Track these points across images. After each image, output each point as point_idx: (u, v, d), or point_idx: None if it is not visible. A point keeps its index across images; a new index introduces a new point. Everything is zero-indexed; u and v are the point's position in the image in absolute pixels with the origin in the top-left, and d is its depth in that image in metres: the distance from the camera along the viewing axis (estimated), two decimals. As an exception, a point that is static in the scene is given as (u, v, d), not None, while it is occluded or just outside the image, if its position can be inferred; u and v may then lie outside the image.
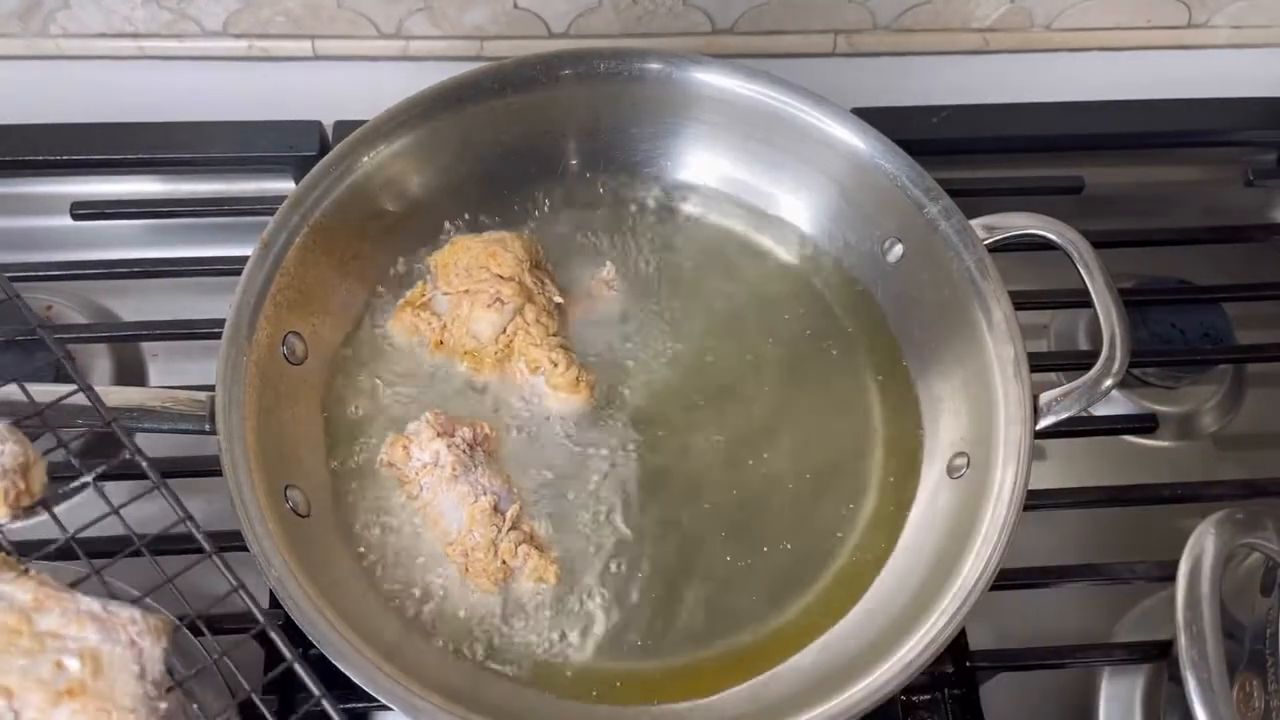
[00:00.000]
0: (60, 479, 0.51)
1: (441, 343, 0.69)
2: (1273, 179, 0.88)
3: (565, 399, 0.67)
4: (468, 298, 0.68)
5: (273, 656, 0.63)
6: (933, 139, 0.84)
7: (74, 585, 0.48)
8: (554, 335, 0.69)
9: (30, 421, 0.52)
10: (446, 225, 0.74)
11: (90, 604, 0.46)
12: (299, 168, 0.78)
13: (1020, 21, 0.92)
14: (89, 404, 0.54)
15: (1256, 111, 0.90)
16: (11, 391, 0.53)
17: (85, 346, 0.75)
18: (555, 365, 0.67)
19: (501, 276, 0.68)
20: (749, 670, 0.62)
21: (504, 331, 0.68)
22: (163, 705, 0.46)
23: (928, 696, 0.65)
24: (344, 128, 0.76)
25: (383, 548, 0.64)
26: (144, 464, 0.53)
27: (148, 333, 0.76)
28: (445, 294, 0.69)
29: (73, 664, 0.45)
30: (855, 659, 0.59)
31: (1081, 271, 0.67)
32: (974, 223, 0.68)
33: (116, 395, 0.59)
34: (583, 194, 0.77)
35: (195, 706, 0.55)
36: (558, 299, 0.71)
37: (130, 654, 0.46)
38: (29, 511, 0.50)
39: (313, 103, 0.83)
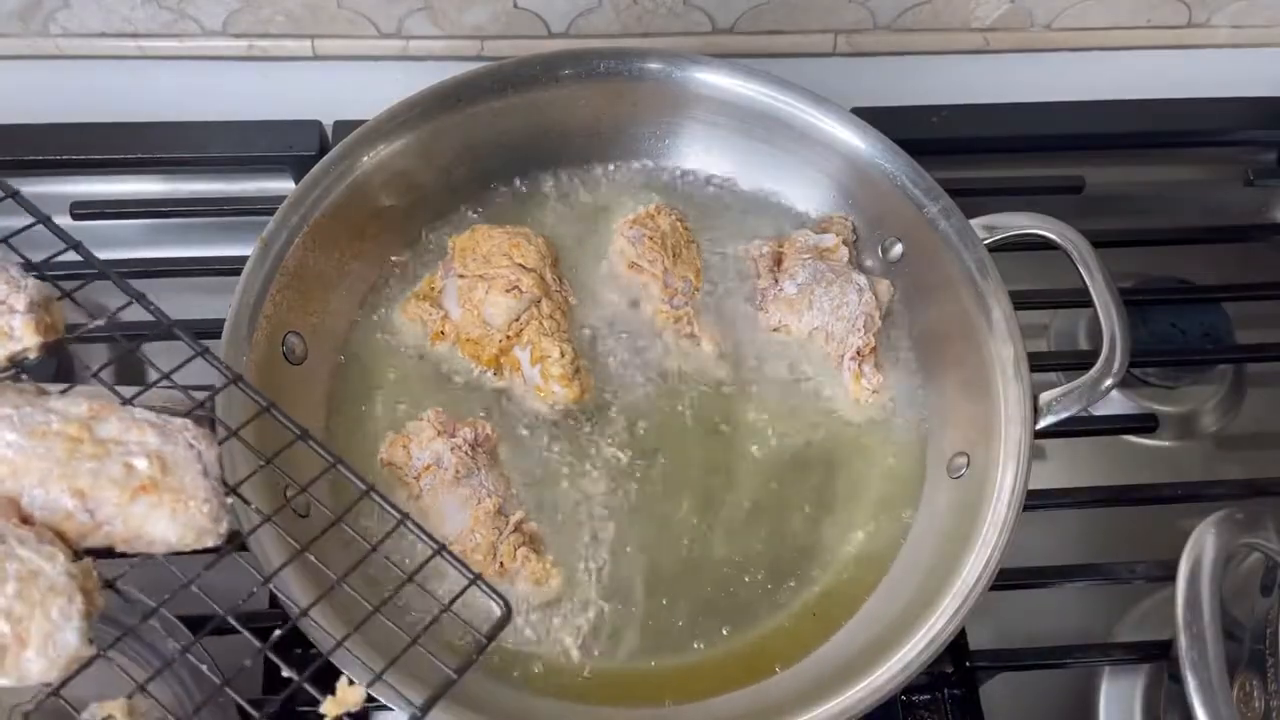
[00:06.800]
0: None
1: (442, 333, 0.69)
2: (1273, 179, 0.88)
3: (561, 394, 0.67)
4: (483, 282, 0.68)
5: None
6: (933, 139, 0.84)
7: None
8: (564, 332, 0.69)
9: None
10: (445, 224, 0.74)
11: (145, 413, 0.48)
12: (298, 167, 0.78)
13: (1020, 21, 0.92)
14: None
15: (1256, 111, 0.90)
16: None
17: (84, 346, 0.75)
18: (563, 355, 0.67)
19: (524, 266, 0.69)
20: (750, 671, 0.62)
21: (517, 319, 0.68)
22: (229, 501, 0.48)
23: (928, 696, 0.65)
24: (343, 127, 0.76)
25: (382, 548, 0.64)
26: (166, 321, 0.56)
27: (148, 333, 0.75)
28: (461, 276, 0.69)
29: (141, 464, 0.46)
30: (855, 659, 0.59)
31: (1081, 271, 0.67)
32: (974, 222, 0.68)
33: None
34: (582, 194, 0.77)
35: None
36: (572, 300, 0.71)
37: (191, 454, 0.48)
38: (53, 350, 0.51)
39: (312, 102, 0.83)
